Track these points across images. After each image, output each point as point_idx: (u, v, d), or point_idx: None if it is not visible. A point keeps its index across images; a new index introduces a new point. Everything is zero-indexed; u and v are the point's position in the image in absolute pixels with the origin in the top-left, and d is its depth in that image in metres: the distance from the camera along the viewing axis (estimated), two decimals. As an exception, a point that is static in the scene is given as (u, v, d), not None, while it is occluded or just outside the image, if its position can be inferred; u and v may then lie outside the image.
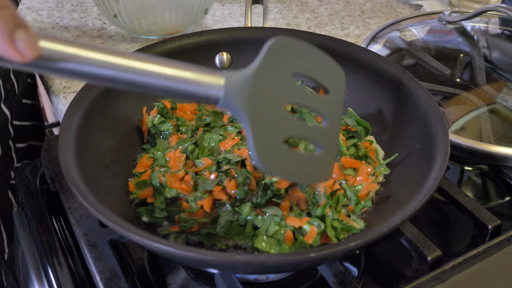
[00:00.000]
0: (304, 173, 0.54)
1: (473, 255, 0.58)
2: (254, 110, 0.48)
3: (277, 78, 0.49)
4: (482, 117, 0.78)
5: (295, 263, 0.48)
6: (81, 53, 0.40)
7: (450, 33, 0.96)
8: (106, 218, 0.49)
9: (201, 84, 0.45)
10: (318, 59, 0.54)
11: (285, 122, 0.51)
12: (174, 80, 0.44)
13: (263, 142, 0.49)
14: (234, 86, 0.46)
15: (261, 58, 0.48)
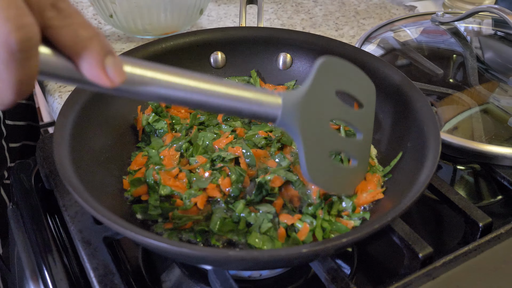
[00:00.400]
0: (342, 184, 0.58)
1: (464, 252, 0.59)
2: (306, 128, 0.51)
3: (325, 96, 0.53)
4: (474, 117, 0.78)
5: (287, 258, 0.48)
6: (158, 76, 0.42)
7: (443, 34, 0.97)
8: (100, 214, 0.50)
9: (262, 103, 0.48)
10: (356, 76, 0.58)
11: (330, 137, 0.55)
12: (238, 100, 0.46)
13: (313, 158, 0.52)
14: (290, 105, 0.49)
15: (312, 78, 0.52)
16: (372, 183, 0.64)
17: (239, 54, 0.79)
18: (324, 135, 0.54)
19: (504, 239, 0.61)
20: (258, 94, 0.47)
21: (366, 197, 0.62)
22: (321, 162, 0.54)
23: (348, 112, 0.57)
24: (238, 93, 0.46)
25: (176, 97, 0.44)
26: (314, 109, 0.52)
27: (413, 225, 0.61)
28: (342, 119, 0.57)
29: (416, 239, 0.59)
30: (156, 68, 0.43)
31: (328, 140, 0.54)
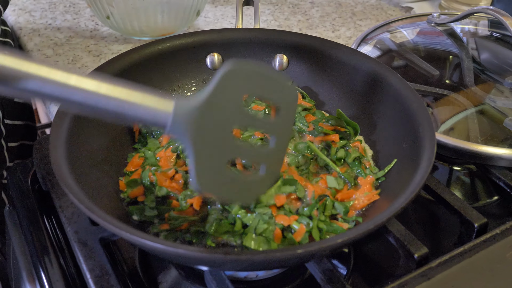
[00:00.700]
0: (240, 193, 0.55)
1: (459, 253, 0.59)
2: (199, 139, 0.48)
3: (227, 104, 0.49)
4: (470, 118, 0.78)
5: (282, 259, 0.48)
6: (28, 68, 0.38)
7: (439, 35, 0.97)
8: (96, 215, 0.50)
9: (150, 108, 0.44)
10: (272, 81, 0.53)
11: (231, 146, 0.51)
12: (122, 102, 0.42)
13: (205, 168, 0.49)
14: (183, 113, 0.46)
15: (213, 86, 0.48)
16: (368, 185, 0.64)
17: (235, 55, 0.79)
18: (223, 143, 0.50)
19: (499, 240, 0.62)
20: (147, 97, 0.44)
21: (363, 200, 0.62)
22: (215, 171, 0.50)
23: (257, 120, 0.55)
24: (123, 94, 0.42)
25: (47, 93, 0.39)
26: (213, 118, 0.48)
27: (408, 226, 0.61)
28: (249, 126, 0.55)
29: (411, 240, 0.59)
30: (33, 61, 0.38)
31: (228, 149, 0.51)
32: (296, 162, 0.67)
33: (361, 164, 0.67)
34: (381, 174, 0.65)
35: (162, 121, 0.45)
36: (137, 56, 0.73)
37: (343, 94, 0.76)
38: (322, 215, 0.60)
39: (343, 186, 0.64)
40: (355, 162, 0.67)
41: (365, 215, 0.62)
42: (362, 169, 0.66)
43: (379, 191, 0.63)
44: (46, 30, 1.10)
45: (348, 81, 0.75)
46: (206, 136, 0.48)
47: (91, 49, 1.04)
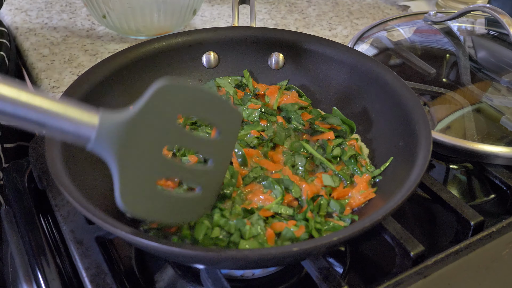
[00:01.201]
0: (178, 213, 0.54)
1: (456, 251, 0.59)
2: (125, 156, 0.46)
3: (159, 122, 0.47)
4: (467, 116, 0.78)
5: (278, 257, 0.48)
6: None
7: (436, 33, 0.97)
8: (91, 214, 0.50)
9: (72, 120, 0.41)
10: (210, 102, 0.52)
11: (162, 164, 0.49)
12: (43, 111, 0.40)
13: (131, 188, 0.47)
14: (108, 127, 0.44)
15: (142, 103, 0.46)
16: (364, 183, 0.64)
17: (231, 54, 0.79)
18: (153, 162, 0.48)
19: (495, 238, 0.62)
20: (70, 108, 0.41)
21: (359, 198, 0.63)
22: (143, 191, 0.48)
23: (193, 140, 0.53)
24: (44, 104, 0.40)
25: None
26: (141, 134, 0.46)
27: (405, 224, 0.61)
28: (184, 147, 0.54)
29: (407, 238, 0.59)
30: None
31: (159, 168, 0.49)
32: (292, 161, 0.67)
33: (357, 162, 0.67)
34: (378, 172, 0.65)
35: (85, 134, 0.43)
36: (133, 55, 0.73)
37: (339, 93, 0.76)
38: (317, 216, 0.60)
39: (338, 184, 0.64)
40: (351, 160, 0.67)
41: (361, 213, 0.62)
42: (358, 167, 0.66)
43: (376, 189, 0.63)
44: (42, 29, 1.10)
45: (345, 79, 0.75)
46: (133, 154, 0.46)
47: (88, 48, 1.04)
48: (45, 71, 0.96)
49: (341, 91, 0.76)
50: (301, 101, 0.76)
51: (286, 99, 0.76)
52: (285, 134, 0.71)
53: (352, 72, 0.74)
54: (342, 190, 0.63)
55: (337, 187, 0.64)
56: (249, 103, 0.75)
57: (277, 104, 0.76)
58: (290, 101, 0.76)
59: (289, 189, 0.63)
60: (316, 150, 0.69)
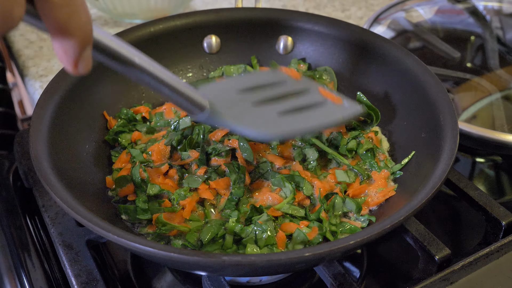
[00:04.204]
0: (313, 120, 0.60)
1: (485, 254, 0.58)
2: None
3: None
4: (495, 104, 0.78)
5: (288, 264, 0.46)
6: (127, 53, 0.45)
7: (460, 13, 0.96)
8: (80, 215, 0.48)
9: (194, 101, 0.53)
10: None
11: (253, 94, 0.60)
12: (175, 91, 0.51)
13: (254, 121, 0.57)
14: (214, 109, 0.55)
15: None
16: (382, 180, 0.62)
17: (235, 38, 0.78)
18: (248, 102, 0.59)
19: (529, 239, 0.60)
20: (193, 93, 0.53)
21: (377, 196, 0.60)
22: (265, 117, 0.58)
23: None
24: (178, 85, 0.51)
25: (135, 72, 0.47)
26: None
27: (428, 224, 0.59)
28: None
29: (432, 240, 0.57)
30: (117, 43, 0.45)
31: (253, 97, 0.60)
32: (302, 155, 0.65)
33: (375, 156, 0.65)
34: (398, 167, 0.63)
35: (198, 113, 0.54)
36: (127, 39, 0.71)
37: (355, 80, 0.74)
38: (333, 217, 0.58)
39: (354, 179, 0.62)
40: (368, 154, 0.65)
41: (380, 213, 0.60)
42: (375, 162, 0.64)
43: (396, 187, 0.61)
44: (29, 13, 1.09)
45: (360, 65, 0.73)
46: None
47: (79, 33, 1.02)
48: (33, 59, 0.95)
49: (357, 78, 0.74)
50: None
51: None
52: None
53: (370, 57, 0.72)
54: (359, 187, 0.61)
55: (353, 183, 0.62)
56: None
57: None
58: None
59: (299, 186, 0.61)
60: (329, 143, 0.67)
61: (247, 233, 0.56)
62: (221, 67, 0.78)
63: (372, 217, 0.58)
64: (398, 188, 0.61)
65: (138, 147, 0.67)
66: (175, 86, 0.50)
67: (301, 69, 0.76)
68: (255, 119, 0.58)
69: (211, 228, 0.56)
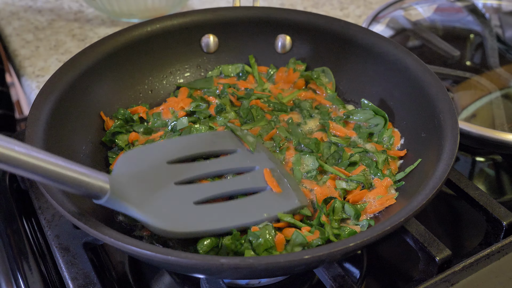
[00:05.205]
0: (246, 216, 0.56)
1: (486, 255, 0.57)
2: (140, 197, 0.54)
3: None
4: (495, 103, 0.77)
5: (287, 266, 0.46)
6: None
7: (459, 11, 0.95)
8: (76, 218, 0.48)
9: (85, 184, 0.48)
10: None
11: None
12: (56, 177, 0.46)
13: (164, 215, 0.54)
14: (118, 189, 0.52)
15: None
16: (383, 188, 0.60)
17: (233, 37, 0.77)
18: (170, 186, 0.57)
19: (530, 239, 0.60)
20: (83, 175, 0.48)
21: (375, 204, 0.59)
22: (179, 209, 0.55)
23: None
24: (62, 170, 0.46)
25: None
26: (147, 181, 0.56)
27: (428, 225, 0.59)
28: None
29: (432, 241, 0.57)
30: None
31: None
32: (300, 162, 0.64)
33: (386, 164, 0.64)
34: (401, 176, 0.61)
35: (97, 195, 0.50)
36: (123, 39, 0.71)
37: (353, 79, 0.73)
38: (333, 221, 0.57)
39: (355, 187, 0.61)
40: (373, 163, 0.63)
41: (380, 213, 0.59)
42: (380, 170, 0.62)
43: (396, 195, 0.60)
44: (26, 12, 1.08)
45: (359, 64, 0.73)
46: (146, 192, 0.54)
47: (75, 33, 1.01)
48: (29, 59, 0.94)
49: (356, 77, 0.73)
50: (318, 96, 0.73)
51: (304, 95, 0.74)
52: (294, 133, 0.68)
53: (368, 56, 0.71)
54: (358, 193, 0.60)
55: (353, 190, 0.61)
56: (253, 98, 0.72)
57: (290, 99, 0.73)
58: (307, 97, 0.73)
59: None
60: (332, 153, 0.65)
61: (242, 244, 0.55)
62: (218, 66, 0.78)
63: (371, 221, 0.57)
64: (398, 188, 0.60)
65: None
66: (60, 176, 0.46)
67: (299, 69, 0.76)
68: (167, 207, 0.54)
69: (206, 238, 0.55)
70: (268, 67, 0.77)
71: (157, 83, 0.75)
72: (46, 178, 0.45)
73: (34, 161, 0.44)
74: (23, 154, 0.43)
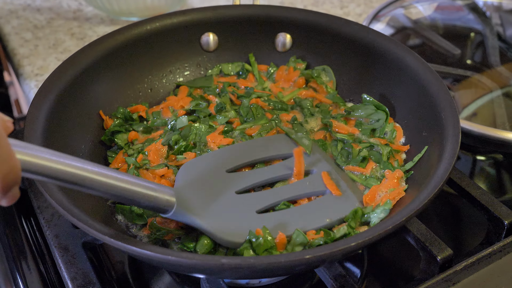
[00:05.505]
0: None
1: (488, 254, 0.57)
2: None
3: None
4: (496, 101, 0.77)
5: (289, 266, 0.46)
6: (55, 166, 0.43)
7: (460, 10, 0.95)
8: (76, 218, 0.47)
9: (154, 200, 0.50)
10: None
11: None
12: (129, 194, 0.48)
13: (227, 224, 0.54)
14: (182, 203, 0.52)
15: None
16: (395, 179, 0.60)
17: (232, 35, 0.77)
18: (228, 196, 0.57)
19: (532, 239, 0.59)
20: (152, 190, 0.49)
21: (387, 197, 0.59)
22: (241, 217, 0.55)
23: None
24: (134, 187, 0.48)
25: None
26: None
27: (429, 223, 0.59)
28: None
29: (433, 240, 0.56)
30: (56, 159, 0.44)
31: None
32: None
33: (389, 158, 0.63)
34: (410, 165, 0.61)
35: (165, 209, 0.51)
36: (123, 38, 0.71)
37: (354, 77, 0.73)
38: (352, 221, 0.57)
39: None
40: (382, 157, 0.63)
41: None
42: (390, 163, 0.62)
43: (406, 187, 0.59)
44: (24, 11, 1.07)
45: (360, 62, 0.72)
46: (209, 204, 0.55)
47: (74, 31, 1.01)
48: (28, 57, 0.94)
49: (357, 76, 0.73)
50: (318, 95, 0.73)
51: (305, 93, 0.73)
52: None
53: (369, 54, 0.71)
54: (371, 193, 0.59)
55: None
56: (253, 96, 0.72)
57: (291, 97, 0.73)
58: (307, 95, 0.73)
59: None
60: (340, 150, 0.65)
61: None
62: (218, 65, 0.77)
63: (388, 205, 0.56)
64: (407, 178, 0.60)
65: (135, 147, 0.66)
66: (129, 189, 0.47)
67: (299, 68, 0.75)
68: (230, 218, 0.54)
69: (206, 238, 0.55)
70: (268, 66, 0.77)
71: (156, 82, 0.74)
72: (119, 196, 0.47)
73: (109, 181, 0.45)
74: (96, 173, 0.45)
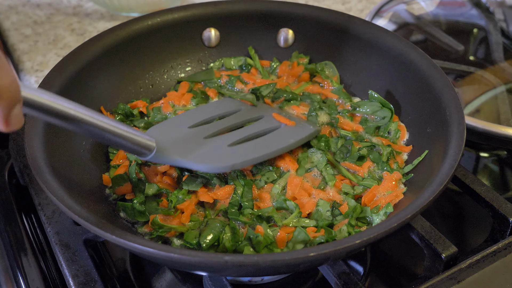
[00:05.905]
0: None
1: (492, 252, 0.56)
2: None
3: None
4: (499, 98, 0.76)
5: (292, 263, 0.45)
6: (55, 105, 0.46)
7: (462, 5, 0.95)
8: (77, 215, 0.47)
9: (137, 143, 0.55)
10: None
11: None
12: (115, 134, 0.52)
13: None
14: (162, 147, 0.57)
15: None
16: (393, 181, 0.59)
17: (234, 30, 0.76)
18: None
19: (538, 236, 0.59)
20: (134, 135, 0.54)
21: (385, 199, 0.58)
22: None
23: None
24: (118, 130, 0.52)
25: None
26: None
27: (433, 221, 0.58)
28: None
29: (437, 237, 0.56)
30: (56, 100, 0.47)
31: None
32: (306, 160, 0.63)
33: (389, 159, 0.63)
34: (409, 168, 0.61)
35: (144, 153, 0.56)
36: (123, 33, 0.70)
37: (357, 73, 0.73)
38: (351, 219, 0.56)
39: (360, 191, 0.60)
40: (381, 158, 0.63)
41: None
42: (388, 165, 0.62)
43: (405, 190, 0.59)
44: (24, 7, 1.07)
45: (363, 58, 0.72)
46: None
47: (74, 27, 1.00)
48: (28, 53, 0.93)
49: (359, 72, 0.73)
50: (324, 90, 0.72)
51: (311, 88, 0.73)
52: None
53: (372, 50, 0.70)
54: (369, 194, 0.59)
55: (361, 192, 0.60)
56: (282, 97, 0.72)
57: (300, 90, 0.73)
58: (314, 91, 0.72)
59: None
60: (339, 147, 0.65)
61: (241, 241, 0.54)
62: (220, 59, 0.77)
63: (389, 207, 0.56)
64: (406, 180, 0.60)
65: None
66: (118, 132, 0.52)
67: (302, 63, 0.75)
68: (205, 153, 0.61)
69: (210, 231, 0.54)
70: (271, 61, 0.76)
71: (158, 78, 0.74)
72: (105, 137, 0.51)
73: (99, 122, 0.50)
74: (88, 114, 0.50)
